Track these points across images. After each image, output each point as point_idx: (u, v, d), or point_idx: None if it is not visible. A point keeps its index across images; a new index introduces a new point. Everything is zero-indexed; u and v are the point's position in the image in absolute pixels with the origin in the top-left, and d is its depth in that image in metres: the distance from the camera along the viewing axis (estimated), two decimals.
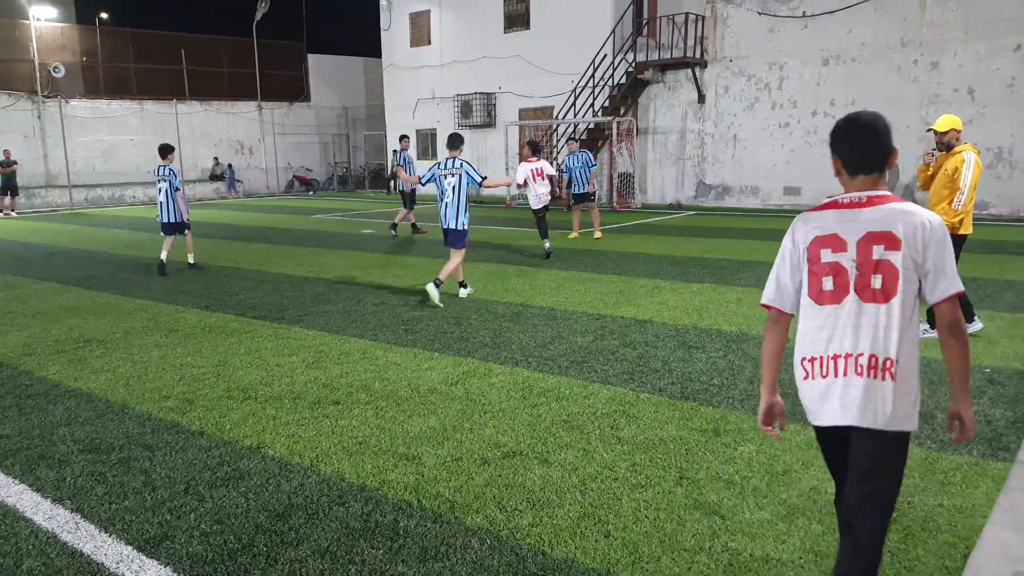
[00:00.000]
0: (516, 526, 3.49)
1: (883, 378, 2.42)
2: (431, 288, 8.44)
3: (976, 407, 4.95)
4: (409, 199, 15.48)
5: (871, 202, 2.50)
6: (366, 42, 33.06)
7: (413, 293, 9.18)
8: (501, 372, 5.89)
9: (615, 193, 21.34)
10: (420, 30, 28.71)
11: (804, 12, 18.99)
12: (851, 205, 2.52)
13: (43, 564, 3.26)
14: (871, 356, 2.43)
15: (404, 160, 15.14)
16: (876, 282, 2.44)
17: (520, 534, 3.43)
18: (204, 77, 31.54)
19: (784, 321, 2.71)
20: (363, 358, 6.37)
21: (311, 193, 31.98)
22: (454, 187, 8.55)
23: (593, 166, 14.09)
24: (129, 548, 3.37)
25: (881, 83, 18.07)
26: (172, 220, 11.21)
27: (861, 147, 2.57)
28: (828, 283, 2.52)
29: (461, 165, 8.55)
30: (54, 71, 27.19)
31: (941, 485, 3.84)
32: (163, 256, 11.15)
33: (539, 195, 12.06)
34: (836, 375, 2.51)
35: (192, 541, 3.42)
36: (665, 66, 21.40)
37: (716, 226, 15.99)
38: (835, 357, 2.51)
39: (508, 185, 9.94)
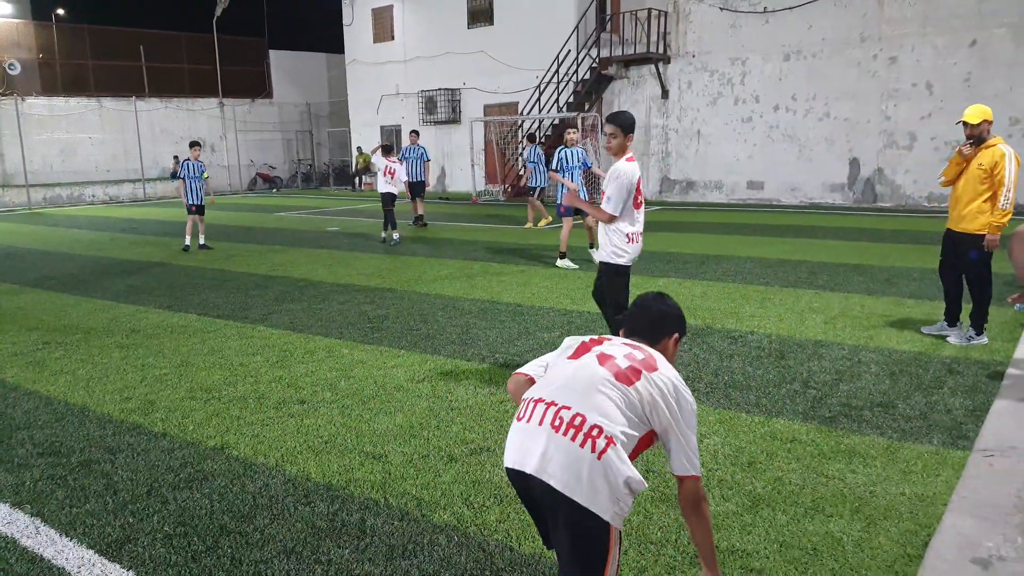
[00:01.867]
0: (483, 522, 3.49)
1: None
2: (561, 263, 10.60)
3: (936, 396, 5.06)
4: (413, 191, 16.14)
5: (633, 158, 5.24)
6: (328, 38, 32.77)
7: (378, 291, 9.12)
8: (468, 369, 5.88)
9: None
10: (383, 25, 28.50)
11: (765, 8, 19.21)
12: (632, 159, 5.19)
13: (2, 570, 3.18)
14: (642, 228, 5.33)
15: (403, 154, 16.21)
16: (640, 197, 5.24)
17: (487, 530, 3.42)
18: (164, 74, 30.96)
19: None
20: (328, 356, 6.31)
21: (274, 191, 31.60)
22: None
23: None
24: (90, 552, 3.30)
25: (841, 78, 18.36)
26: (195, 202, 13.34)
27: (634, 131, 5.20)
28: (640, 199, 5.18)
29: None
30: (9, 68, 26.48)
31: (903, 474, 3.91)
32: (188, 239, 13.39)
33: (387, 189, 14.00)
34: (641, 240, 5.29)
35: (155, 544, 3.36)
36: (629, 62, 21.51)
37: (680, 221, 16.13)
38: (641, 232, 5.29)
39: (572, 188, 10.65)
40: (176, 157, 30.04)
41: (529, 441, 2.19)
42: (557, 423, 2.17)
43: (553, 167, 11.10)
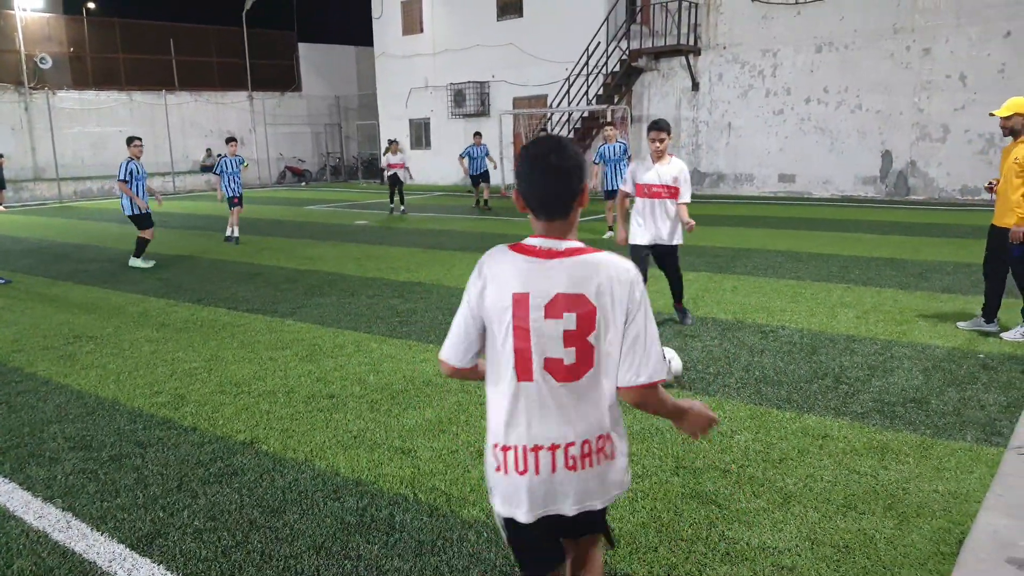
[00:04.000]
0: None
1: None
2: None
3: (970, 392, 4.96)
4: (478, 179, 18.58)
5: None
6: (358, 30, 32.85)
7: (407, 285, 9.14)
8: None
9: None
10: (412, 18, 28.52)
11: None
12: None
13: (34, 564, 3.23)
14: None
15: (468, 152, 18.50)
16: None
17: None
18: (194, 67, 31.27)
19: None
20: (357, 351, 6.34)
21: (303, 184, 31.83)
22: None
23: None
24: (121, 546, 3.35)
25: (874, 70, 18.05)
26: (234, 195, 13.84)
27: None
28: None
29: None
30: (41, 62, 26.90)
31: (936, 471, 3.84)
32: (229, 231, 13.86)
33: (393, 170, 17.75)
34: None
35: (185, 538, 3.39)
36: (659, 54, 21.33)
37: (711, 214, 15.96)
38: None
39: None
40: (208, 150, 30.34)
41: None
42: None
43: (594, 160, 12.53)
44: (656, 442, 4.28)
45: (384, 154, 20.77)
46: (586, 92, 22.27)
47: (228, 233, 13.92)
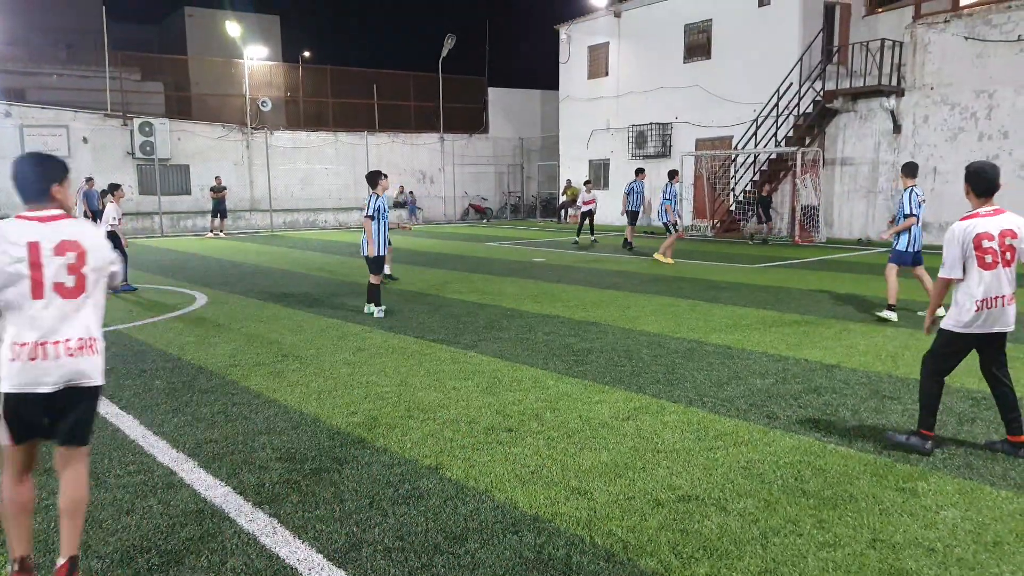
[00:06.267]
0: (693, 574, 3.37)
1: None
2: (886, 314, 9.27)
3: None
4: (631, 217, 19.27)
5: (996, 212, 4.77)
6: (544, 75, 34.03)
7: (583, 324, 9.20)
8: (674, 410, 5.75)
9: (797, 226, 20.39)
10: (598, 62, 29.06)
11: (1020, 36, 17.33)
12: (975, 215, 4.88)
13: (245, 564, 3.53)
14: None
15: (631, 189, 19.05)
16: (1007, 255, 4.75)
17: None
18: (392, 110, 33.66)
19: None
20: (535, 387, 6.45)
21: (485, 221, 33.05)
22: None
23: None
24: (320, 556, 3.59)
25: None
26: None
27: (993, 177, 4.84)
28: (988, 259, 4.67)
29: (910, 192, 9.07)
30: (262, 105, 29.98)
31: None
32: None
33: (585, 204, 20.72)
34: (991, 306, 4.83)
35: (376, 555, 3.58)
36: (857, 94, 20.28)
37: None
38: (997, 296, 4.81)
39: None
40: (402, 187, 32.28)
41: None
42: None
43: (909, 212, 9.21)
44: (850, 510, 3.99)
45: (562, 194, 23.24)
46: (775, 134, 21.55)
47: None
